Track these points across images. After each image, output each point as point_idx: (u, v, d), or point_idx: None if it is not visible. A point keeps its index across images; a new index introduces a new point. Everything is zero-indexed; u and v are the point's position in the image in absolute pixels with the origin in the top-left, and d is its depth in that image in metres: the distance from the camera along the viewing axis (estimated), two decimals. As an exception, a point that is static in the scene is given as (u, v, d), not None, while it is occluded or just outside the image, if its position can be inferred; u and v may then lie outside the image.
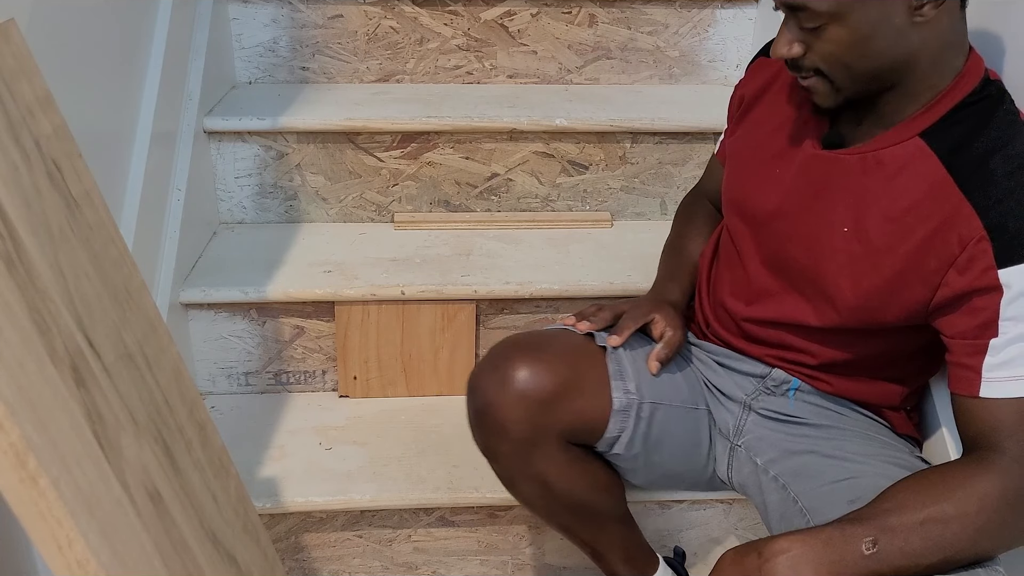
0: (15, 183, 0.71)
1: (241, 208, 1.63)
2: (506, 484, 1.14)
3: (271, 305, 1.44)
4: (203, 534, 0.86)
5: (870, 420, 1.13)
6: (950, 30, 0.94)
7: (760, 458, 1.13)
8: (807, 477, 1.06)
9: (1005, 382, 0.92)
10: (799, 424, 1.13)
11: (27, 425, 0.62)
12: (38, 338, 0.67)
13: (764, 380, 1.15)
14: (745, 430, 1.16)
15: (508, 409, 1.04)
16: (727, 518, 1.37)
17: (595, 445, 1.11)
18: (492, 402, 1.04)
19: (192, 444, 0.90)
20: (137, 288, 0.87)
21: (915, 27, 0.92)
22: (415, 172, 1.62)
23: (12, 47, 0.75)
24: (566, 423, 1.07)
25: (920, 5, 0.91)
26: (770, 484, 1.10)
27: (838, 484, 1.03)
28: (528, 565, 1.39)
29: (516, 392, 1.03)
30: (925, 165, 0.96)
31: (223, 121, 1.54)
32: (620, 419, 1.09)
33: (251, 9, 1.70)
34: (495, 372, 1.05)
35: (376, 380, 1.48)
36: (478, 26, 1.73)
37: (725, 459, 1.17)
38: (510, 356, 1.05)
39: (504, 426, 1.04)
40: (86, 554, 0.65)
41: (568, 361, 1.07)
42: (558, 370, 1.05)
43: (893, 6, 0.91)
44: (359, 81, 1.77)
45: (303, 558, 1.35)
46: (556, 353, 1.07)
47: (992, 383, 0.93)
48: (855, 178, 1.00)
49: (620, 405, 1.09)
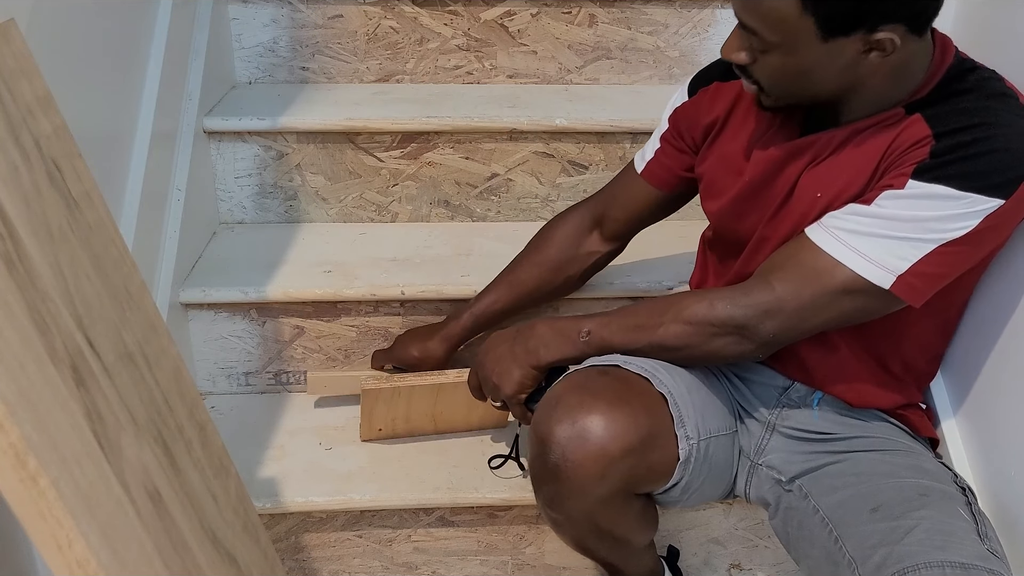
0: (15, 183, 0.71)
1: (241, 208, 1.63)
2: (554, 526, 1.11)
3: (271, 305, 1.44)
4: (203, 534, 0.86)
5: (892, 426, 1.12)
6: (902, 60, 0.94)
7: (784, 475, 1.11)
8: (831, 489, 1.04)
9: (827, 232, 0.97)
10: (824, 440, 1.11)
11: (27, 425, 0.62)
12: (38, 338, 0.67)
13: (787, 392, 1.13)
14: (767, 449, 1.14)
15: (587, 467, 0.97)
16: (727, 518, 1.37)
17: (655, 492, 1.08)
18: (568, 458, 0.97)
19: (192, 444, 0.90)
20: (137, 288, 0.87)
21: (864, 65, 0.93)
22: (415, 172, 1.62)
23: (12, 47, 0.75)
24: (639, 477, 1.02)
25: (868, 51, 0.92)
26: (791, 495, 1.09)
27: (861, 495, 1.01)
28: (528, 565, 1.39)
29: (596, 448, 0.97)
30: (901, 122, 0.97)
31: (223, 121, 1.54)
32: (683, 468, 1.05)
33: (251, 9, 1.70)
34: (572, 425, 0.98)
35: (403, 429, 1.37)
36: (478, 26, 1.73)
37: (745, 476, 1.15)
38: (587, 407, 0.98)
39: (580, 484, 0.98)
40: (86, 554, 0.65)
41: (644, 411, 1.01)
42: (638, 423, 0.99)
43: (841, 50, 0.92)
44: (359, 81, 1.77)
45: (303, 558, 1.35)
46: (631, 403, 1.01)
47: (819, 228, 0.98)
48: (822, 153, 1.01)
49: (685, 455, 1.04)
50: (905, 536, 0.92)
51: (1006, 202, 0.92)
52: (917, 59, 0.96)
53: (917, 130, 0.95)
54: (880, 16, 0.89)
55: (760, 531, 1.38)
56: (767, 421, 1.14)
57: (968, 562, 0.88)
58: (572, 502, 1.02)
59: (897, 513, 0.96)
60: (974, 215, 0.92)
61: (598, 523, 1.06)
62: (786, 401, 1.14)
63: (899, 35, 0.90)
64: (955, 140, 0.93)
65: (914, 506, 0.96)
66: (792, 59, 0.93)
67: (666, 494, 1.09)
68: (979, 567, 0.88)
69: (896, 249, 0.94)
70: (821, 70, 0.94)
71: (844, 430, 1.11)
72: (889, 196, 0.94)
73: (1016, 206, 0.93)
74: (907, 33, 0.91)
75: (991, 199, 0.91)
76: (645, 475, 1.03)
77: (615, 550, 1.17)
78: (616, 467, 0.98)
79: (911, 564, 0.89)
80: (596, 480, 0.98)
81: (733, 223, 1.12)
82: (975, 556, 0.90)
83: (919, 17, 0.91)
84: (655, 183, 1.22)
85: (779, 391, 1.14)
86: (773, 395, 1.14)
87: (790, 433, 1.13)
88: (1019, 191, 0.92)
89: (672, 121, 1.19)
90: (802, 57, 0.93)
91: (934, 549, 0.90)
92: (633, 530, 1.13)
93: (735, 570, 1.41)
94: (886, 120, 0.97)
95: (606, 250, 1.31)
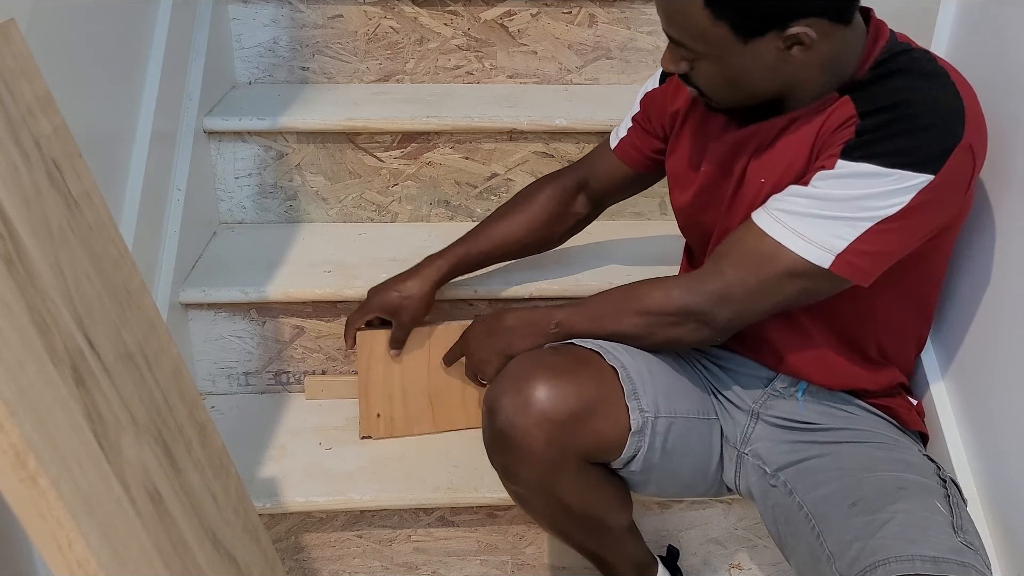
0: (15, 183, 0.71)
1: (241, 208, 1.63)
2: (520, 503, 1.13)
3: (271, 305, 1.44)
4: (203, 534, 0.86)
5: (878, 418, 1.13)
6: (832, 50, 0.97)
7: (769, 466, 1.11)
8: (814, 484, 1.05)
9: (769, 215, 0.99)
10: (808, 430, 1.12)
11: (27, 425, 0.62)
12: (38, 338, 0.67)
13: (772, 383, 1.15)
14: (752, 438, 1.14)
15: (530, 431, 1.01)
16: (727, 518, 1.37)
17: (612, 463, 1.09)
18: (514, 424, 1.01)
19: (192, 444, 0.90)
20: (137, 288, 0.87)
21: (788, 61, 0.96)
22: (415, 172, 1.62)
23: (12, 47, 0.75)
24: (587, 445, 1.05)
25: (788, 47, 0.94)
26: (777, 490, 1.09)
27: (842, 490, 1.02)
28: (528, 565, 1.39)
29: (538, 413, 1.01)
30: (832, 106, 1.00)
31: (223, 121, 1.54)
32: (637, 439, 1.07)
33: (251, 9, 1.70)
34: (517, 394, 1.02)
35: (402, 419, 1.38)
36: (478, 26, 1.73)
37: (732, 466, 1.16)
38: (532, 375, 1.03)
39: (526, 449, 1.02)
40: (86, 554, 0.65)
41: (589, 381, 1.05)
42: (580, 391, 1.03)
43: (762, 50, 0.94)
44: (359, 81, 1.77)
45: (303, 558, 1.35)
46: (578, 372, 1.05)
47: (763, 211, 1.00)
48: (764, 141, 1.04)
49: (637, 426, 1.06)
50: (879, 530, 0.93)
51: (935, 177, 0.93)
52: (849, 46, 0.99)
53: (845, 111, 0.98)
54: (789, 13, 0.92)
55: (760, 531, 1.38)
56: (751, 409, 1.15)
57: (939, 555, 0.89)
58: (524, 470, 1.04)
59: (875, 507, 0.96)
60: (904, 191, 0.93)
61: (558, 495, 1.08)
62: (771, 392, 1.15)
63: (818, 28, 0.93)
64: (879, 118, 0.95)
65: (891, 499, 0.97)
66: (720, 65, 0.97)
67: (629, 471, 1.10)
68: (950, 560, 0.89)
69: (832, 228, 0.96)
70: (750, 72, 0.97)
71: (829, 421, 1.12)
72: (822, 176, 0.97)
73: (952, 180, 0.95)
74: (830, 24, 0.94)
75: (919, 175, 0.93)
76: (594, 442, 1.05)
77: (592, 533, 1.17)
78: (560, 432, 1.01)
79: (883, 558, 0.90)
80: (542, 445, 1.01)
81: (697, 215, 1.15)
82: (947, 549, 0.90)
83: (836, 7, 0.94)
84: (626, 161, 1.27)
85: (764, 382, 1.15)
86: (758, 385, 1.16)
87: (774, 422, 1.14)
88: (948, 165, 0.93)
89: (643, 104, 1.23)
90: (728, 62, 0.96)
91: (907, 543, 0.91)
92: (599, 506, 1.13)
93: (735, 570, 1.41)
94: (820, 105, 1.00)
95: (587, 212, 1.35)
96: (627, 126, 1.26)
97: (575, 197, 1.33)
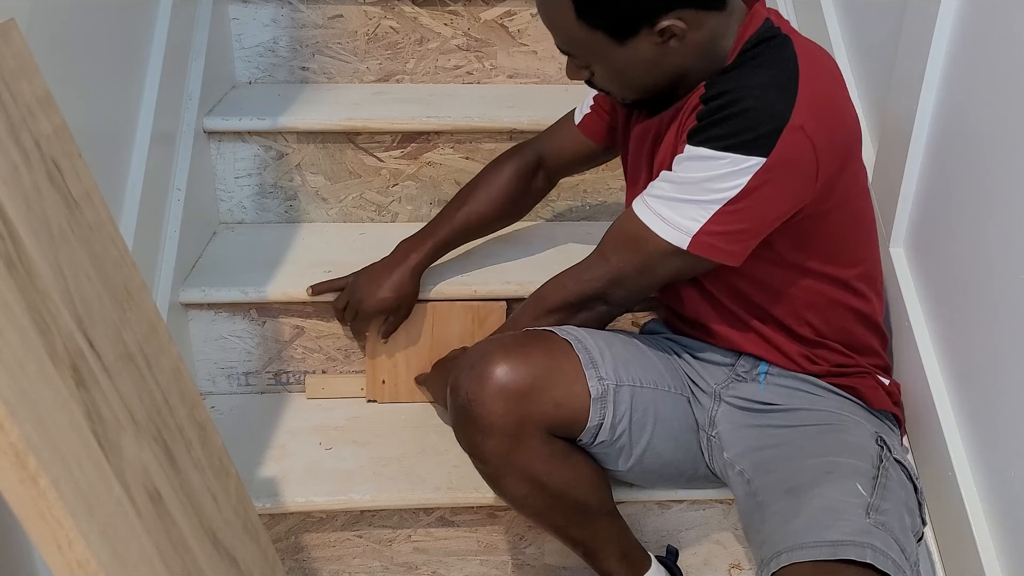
0: (15, 183, 0.71)
1: (241, 208, 1.63)
2: (493, 483, 1.14)
3: (271, 305, 1.44)
4: (203, 534, 0.86)
5: (841, 398, 1.15)
6: (707, 37, 1.01)
7: (728, 451, 1.15)
8: (766, 472, 1.08)
9: (641, 201, 1.06)
10: (767, 411, 1.15)
11: (27, 425, 0.62)
12: (38, 338, 0.67)
13: (734, 367, 1.18)
14: (717, 420, 1.17)
15: (489, 404, 1.05)
16: (726, 518, 1.37)
17: (580, 438, 1.12)
18: (473, 398, 1.06)
19: (192, 444, 0.90)
20: (137, 288, 0.87)
21: (668, 52, 1.00)
22: (415, 172, 1.62)
23: (12, 47, 0.75)
24: (547, 415, 1.07)
25: (665, 40, 0.99)
26: (737, 478, 1.12)
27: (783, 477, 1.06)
28: (528, 565, 1.39)
29: (495, 386, 1.05)
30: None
31: (223, 121, 1.54)
32: (599, 407, 1.10)
33: (251, 9, 1.70)
34: (473, 369, 1.06)
35: (405, 384, 1.46)
36: (478, 26, 1.73)
37: (707, 450, 1.19)
38: (487, 353, 1.07)
39: (486, 421, 1.06)
40: (86, 554, 0.65)
41: (543, 354, 1.09)
42: (534, 362, 1.07)
43: (640, 48, 0.99)
44: (359, 81, 1.77)
45: (303, 558, 1.35)
46: (531, 347, 1.09)
47: (639, 198, 1.07)
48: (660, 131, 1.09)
49: (596, 393, 1.09)
50: (795, 517, 0.97)
51: (767, 159, 0.96)
52: (725, 33, 1.03)
53: (696, 98, 1.03)
54: (655, 9, 0.97)
55: (760, 531, 1.38)
56: (713, 392, 1.18)
57: (842, 539, 0.92)
58: (487, 443, 1.07)
59: (801, 493, 1.00)
60: (740, 174, 0.97)
61: (527, 470, 1.09)
62: (734, 375, 1.18)
63: (687, 18, 0.98)
64: (715, 104, 1.00)
65: (816, 484, 1.01)
66: (609, 66, 1.03)
67: (599, 445, 1.12)
68: (849, 543, 0.92)
69: (686, 211, 1.02)
70: (634, 68, 1.02)
71: (789, 401, 1.14)
72: (677, 160, 1.03)
73: (788, 162, 0.97)
74: (700, 12, 0.98)
75: (750, 157, 0.97)
76: (554, 412, 1.08)
77: (572, 516, 1.17)
78: (516, 402, 1.05)
79: (788, 545, 0.94)
80: (501, 417, 1.05)
81: None
82: (853, 532, 0.93)
83: None
84: (591, 137, 1.33)
85: (728, 365, 1.19)
86: (723, 368, 1.19)
87: (736, 403, 1.17)
88: (779, 147, 0.96)
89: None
90: (614, 62, 1.02)
91: (819, 528, 0.94)
92: (572, 483, 1.13)
93: (735, 570, 1.41)
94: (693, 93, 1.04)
95: (544, 186, 1.43)
96: (589, 104, 1.32)
97: (536, 173, 1.40)
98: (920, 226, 1.29)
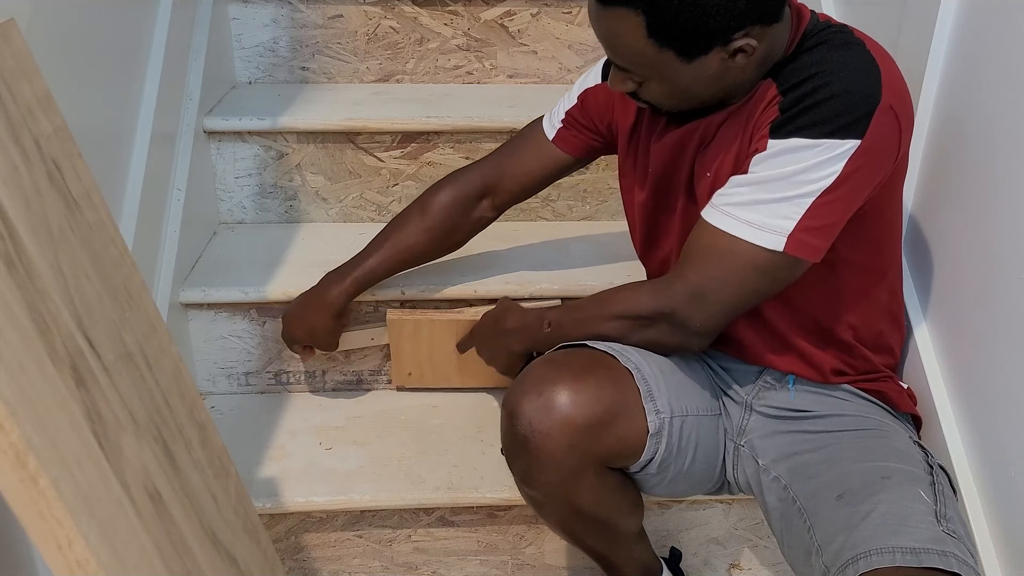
0: (15, 183, 0.71)
1: (241, 208, 1.63)
2: (535, 506, 1.11)
3: (271, 305, 1.44)
4: (203, 534, 0.86)
5: (868, 402, 1.14)
6: (770, 46, 0.99)
7: (762, 458, 1.12)
8: (806, 477, 1.06)
9: (718, 211, 1.00)
10: (800, 418, 1.13)
11: (27, 425, 0.62)
12: (38, 338, 0.67)
13: (762, 375, 1.16)
14: (748, 429, 1.15)
15: (555, 436, 1.00)
16: (727, 518, 1.37)
17: (630, 467, 1.09)
18: (537, 429, 1.00)
19: (192, 444, 0.90)
20: (137, 288, 0.87)
21: (733, 67, 0.98)
22: (415, 172, 1.62)
23: (12, 47, 0.75)
24: (609, 449, 1.04)
25: (732, 56, 0.97)
26: (771, 484, 1.10)
27: (830, 482, 1.03)
28: (528, 565, 1.39)
29: (562, 418, 1.00)
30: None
31: (223, 121, 1.54)
32: (655, 441, 1.06)
33: (251, 9, 1.70)
34: (540, 397, 1.01)
35: (430, 375, 1.47)
36: (478, 26, 1.73)
37: (731, 460, 1.17)
38: (553, 380, 1.02)
39: (548, 454, 1.01)
40: (86, 554, 0.65)
41: (609, 384, 1.04)
42: (601, 396, 1.02)
43: (707, 64, 0.97)
44: (359, 81, 1.77)
45: (303, 558, 1.35)
46: (597, 374, 1.04)
47: (711, 208, 1.02)
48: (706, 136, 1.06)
49: (654, 428, 1.05)
50: (862, 522, 0.94)
51: (863, 141, 0.94)
52: (780, 38, 1.01)
53: (768, 92, 1.00)
54: (729, 30, 0.94)
55: (760, 531, 1.38)
56: (744, 401, 1.16)
57: (919, 546, 0.90)
58: (544, 475, 1.03)
59: (860, 498, 0.97)
60: (836, 159, 0.95)
61: (575, 501, 1.07)
62: (762, 384, 1.16)
63: (756, 34, 0.95)
64: (798, 92, 0.96)
65: (875, 490, 0.98)
66: (669, 83, 1.00)
67: (644, 473, 1.09)
68: (930, 550, 0.89)
69: (777, 210, 0.97)
70: (697, 84, 1.00)
71: (820, 407, 1.12)
72: (757, 160, 0.98)
73: (879, 142, 0.96)
74: (765, 27, 0.96)
75: (846, 140, 0.94)
76: (615, 447, 1.05)
77: (602, 537, 1.16)
78: (583, 437, 1.01)
79: (864, 550, 0.91)
80: (564, 450, 1.00)
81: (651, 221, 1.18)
82: (927, 539, 0.91)
83: (768, 10, 0.96)
84: (567, 149, 1.27)
85: (755, 375, 1.16)
86: (750, 379, 1.17)
87: (767, 412, 1.15)
88: (873, 128, 0.94)
89: (581, 99, 1.24)
90: (676, 80, 0.99)
91: (889, 534, 0.91)
92: (614, 511, 1.12)
93: (735, 570, 1.41)
94: (752, 93, 1.02)
95: (492, 216, 1.36)
96: (560, 118, 1.26)
97: (477, 203, 1.33)
98: (920, 225, 1.29)
